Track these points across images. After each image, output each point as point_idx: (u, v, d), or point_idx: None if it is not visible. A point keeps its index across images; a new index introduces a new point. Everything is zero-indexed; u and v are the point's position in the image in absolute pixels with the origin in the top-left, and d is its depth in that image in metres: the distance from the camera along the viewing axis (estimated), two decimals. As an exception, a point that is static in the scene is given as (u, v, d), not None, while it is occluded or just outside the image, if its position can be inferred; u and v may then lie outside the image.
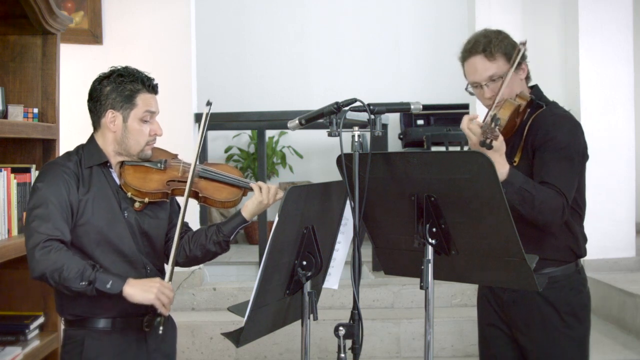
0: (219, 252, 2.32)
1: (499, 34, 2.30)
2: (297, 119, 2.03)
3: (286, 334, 3.88)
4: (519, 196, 2.11)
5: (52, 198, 2.08)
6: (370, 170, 1.87)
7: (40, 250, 1.99)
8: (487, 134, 2.03)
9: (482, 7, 4.87)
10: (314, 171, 7.33)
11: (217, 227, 2.30)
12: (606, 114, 4.57)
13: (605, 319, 4.18)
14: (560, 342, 2.25)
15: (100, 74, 2.24)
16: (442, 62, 7.37)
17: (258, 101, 6.87)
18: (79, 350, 2.15)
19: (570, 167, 2.21)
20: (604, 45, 4.55)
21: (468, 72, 2.33)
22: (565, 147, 2.20)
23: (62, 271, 1.98)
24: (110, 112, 2.18)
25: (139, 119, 2.19)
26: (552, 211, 2.15)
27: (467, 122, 2.16)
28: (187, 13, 4.75)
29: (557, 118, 2.27)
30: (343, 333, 1.83)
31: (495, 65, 2.26)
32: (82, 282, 1.98)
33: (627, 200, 4.68)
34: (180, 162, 2.32)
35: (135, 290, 2.02)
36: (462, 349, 4.19)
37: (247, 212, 2.28)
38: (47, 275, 1.99)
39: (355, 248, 1.83)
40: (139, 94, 2.19)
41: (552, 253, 2.24)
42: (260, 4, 7.45)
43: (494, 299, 2.37)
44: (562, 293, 2.25)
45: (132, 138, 2.20)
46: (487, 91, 2.28)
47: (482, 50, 2.26)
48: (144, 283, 2.05)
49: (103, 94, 2.19)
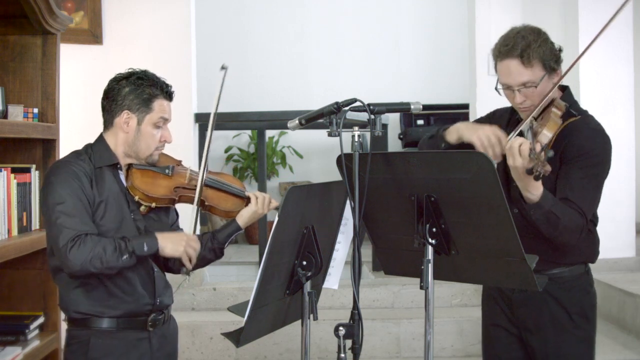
0: (213, 258, 2.37)
1: (538, 37, 2.17)
2: (297, 119, 2.03)
3: (286, 334, 3.88)
4: (544, 218, 2.08)
5: (72, 194, 2.09)
6: (370, 170, 1.87)
7: (73, 247, 2.02)
8: (538, 165, 1.91)
9: (482, 7, 4.87)
10: (314, 171, 7.33)
11: (212, 234, 2.34)
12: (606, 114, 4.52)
13: (605, 319, 4.17)
14: (570, 342, 2.25)
15: (118, 73, 2.25)
16: (442, 62, 7.41)
17: (258, 101, 6.87)
18: (84, 350, 2.15)
19: (596, 186, 2.18)
20: (604, 45, 4.54)
21: (501, 72, 2.22)
22: (595, 165, 2.16)
23: (101, 256, 2.03)
24: (125, 113, 2.19)
25: (153, 123, 2.21)
26: (571, 233, 2.13)
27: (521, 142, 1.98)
28: (187, 13, 4.75)
29: (592, 133, 2.19)
30: (343, 333, 1.83)
31: (530, 72, 2.15)
32: (123, 256, 2.05)
33: (627, 200, 4.68)
34: (187, 169, 2.34)
35: (166, 243, 2.12)
36: (462, 349, 4.19)
37: (242, 220, 2.33)
38: (88, 265, 2.03)
39: (355, 248, 1.83)
40: (156, 99, 2.21)
41: (567, 258, 2.24)
42: (260, 4, 7.46)
43: (502, 299, 2.36)
44: (572, 293, 2.25)
45: (143, 141, 2.21)
46: (519, 97, 2.19)
47: (519, 55, 2.15)
48: (173, 237, 2.16)
49: (121, 94, 2.19)
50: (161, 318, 2.25)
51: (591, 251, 2.29)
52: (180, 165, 2.35)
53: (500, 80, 2.24)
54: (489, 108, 2.52)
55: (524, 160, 1.96)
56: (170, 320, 2.34)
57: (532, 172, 1.92)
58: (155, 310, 2.22)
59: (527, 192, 2.06)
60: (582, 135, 2.17)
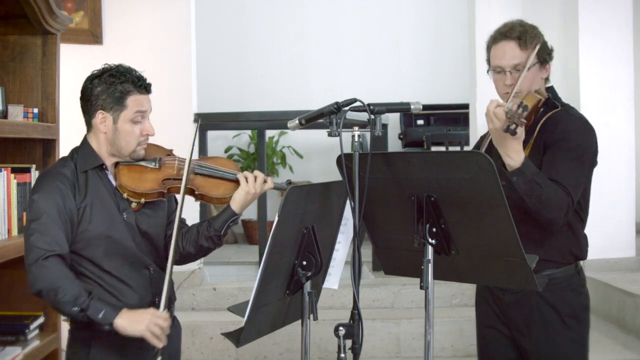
0: (212, 247, 2.30)
1: (534, 29, 2.30)
2: (297, 119, 2.03)
3: (286, 334, 3.88)
4: (528, 187, 2.09)
5: (49, 210, 2.06)
6: (370, 170, 1.87)
7: (38, 268, 2.00)
8: (514, 119, 2.00)
9: (482, 7, 4.87)
10: (314, 171, 7.33)
11: (208, 222, 2.29)
12: (606, 114, 4.56)
13: (605, 319, 4.17)
14: (561, 343, 2.25)
15: (92, 71, 2.20)
16: (442, 62, 7.41)
17: (258, 101, 6.87)
18: (86, 352, 2.14)
19: (580, 168, 2.20)
20: (604, 45, 4.54)
21: (495, 55, 2.31)
22: (578, 147, 2.20)
23: (57, 292, 1.99)
24: (100, 113, 2.15)
25: (130, 120, 2.15)
26: (557, 208, 2.13)
27: (494, 105, 2.09)
28: (187, 13, 4.75)
29: (574, 119, 2.27)
30: (343, 333, 1.83)
31: (524, 55, 2.25)
32: (75, 307, 1.99)
33: (627, 200, 4.68)
34: (175, 159, 2.28)
35: (125, 322, 2.02)
36: (462, 349, 4.19)
37: (235, 204, 2.25)
38: (44, 292, 2.01)
39: (355, 248, 1.83)
40: (129, 95, 2.14)
41: (554, 255, 2.24)
42: (260, 4, 7.45)
43: (493, 300, 2.36)
44: (563, 294, 2.25)
45: (122, 139, 2.16)
46: (509, 78, 2.26)
47: (517, 37, 2.26)
48: (135, 315, 2.04)
49: (93, 94, 2.15)
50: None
51: (576, 246, 2.28)
52: (170, 155, 2.29)
53: (493, 63, 2.31)
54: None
55: (500, 121, 2.05)
56: (173, 320, 2.31)
57: (509, 129, 2.00)
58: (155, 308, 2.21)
59: (508, 158, 2.09)
60: (565, 121, 2.25)
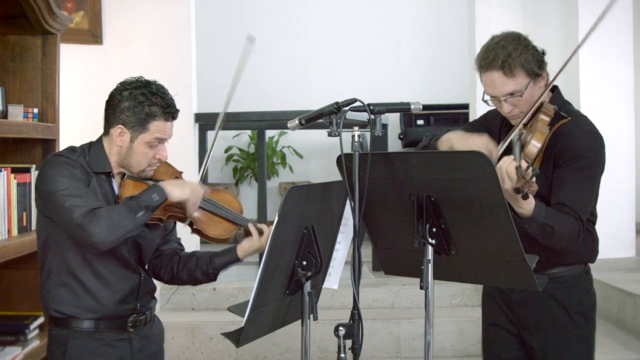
0: (205, 281, 2.33)
1: (518, 45, 2.17)
2: (297, 119, 2.02)
3: (286, 334, 3.88)
4: (540, 230, 2.08)
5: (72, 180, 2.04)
6: (370, 170, 1.87)
7: (90, 221, 1.95)
8: (525, 184, 1.91)
9: (482, 7, 4.87)
10: (314, 171, 7.34)
11: (209, 258, 2.29)
12: (606, 114, 4.56)
13: (605, 319, 4.17)
14: (570, 341, 2.25)
15: (127, 79, 2.15)
16: (442, 62, 7.41)
17: (258, 101, 6.87)
18: (62, 351, 2.13)
19: (591, 188, 2.18)
20: (604, 45, 4.54)
21: (486, 84, 2.24)
22: (589, 167, 2.16)
23: (117, 222, 1.96)
24: (119, 128, 2.11)
25: (147, 143, 2.11)
26: (569, 239, 2.13)
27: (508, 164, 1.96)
28: (187, 13, 4.75)
29: (583, 134, 2.19)
30: (343, 333, 1.83)
31: (514, 82, 2.16)
32: (138, 213, 1.99)
33: (627, 200, 4.68)
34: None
35: (172, 189, 2.06)
36: (462, 349, 4.19)
37: (242, 251, 2.26)
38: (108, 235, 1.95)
39: (355, 248, 1.83)
40: (154, 120, 2.10)
41: (567, 258, 2.24)
42: (260, 4, 7.46)
43: (501, 298, 2.35)
44: (572, 293, 2.25)
45: (134, 158, 2.13)
46: (506, 106, 2.21)
47: (500, 67, 2.15)
48: (178, 183, 2.11)
49: (120, 106, 2.10)
50: (142, 319, 2.21)
51: (590, 251, 2.28)
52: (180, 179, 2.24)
53: (486, 91, 2.25)
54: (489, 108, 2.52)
55: (511, 181, 1.95)
56: (153, 320, 2.30)
57: (520, 191, 1.93)
58: (136, 312, 2.19)
59: (519, 208, 2.05)
60: (574, 137, 2.17)
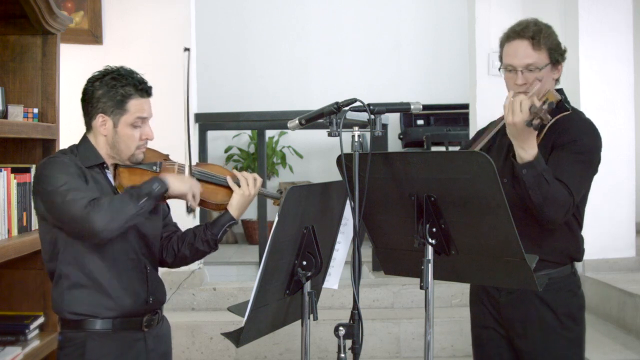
0: (207, 250, 2.31)
1: (549, 28, 2.28)
2: (297, 119, 2.02)
3: (286, 334, 3.88)
4: (535, 181, 2.09)
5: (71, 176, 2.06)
6: (370, 170, 1.87)
7: (91, 211, 1.97)
8: (539, 113, 1.99)
9: (482, 7, 4.87)
10: (314, 171, 7.33)
11: (205, 226, 2.30)
12: (606, 114, 4.56)
13: (605, 319, 4.17)
14: (557, 343, 2.25)
15: (94, 73, 2.20)
16: (442, 62, 7.41)
17: (258, 101, 6.87)
18: (81, 352, 2.13)
19: (585, 172, 2.21)
20: (604, 45, 4.54)
21: (507, 53, 2.29)
22: (587, 151, 2.20)
23: (119, 209, 1.99)
24: (100, 117, 2.15)
25: (130, 124, 2.15)
26: (559, 207, 2.13)
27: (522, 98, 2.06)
28: (187, 13, 4.74)
29: (585, 124, 2.27)
30: (343, 333, 1.83)
31: (537, 55, 2.23)
32: (140, 201, 2.02)
33: (627, 200, 4.67)
34: (174, 164, 2.30)
35: (173, 181, 2.10)
36: (462, 349, 4.19)
37: (233, 208, 2.27)
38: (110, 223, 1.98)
39: (355, 248, 1.83)
40: (130, 99, 2.15)
41: (551, 255, 2.24)
42: (260, 4, 7.46)
43: (488, 300, 2.36)
44: (559, 294, 2.25)
45: (122, 143, 2.16)
46: (521, 77, 2.24)
47: (530, 37, 2.23)
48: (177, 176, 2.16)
49: (94, 97, 2.15)
50: (155, 318, 2.25)
51: (575, 249, 2.28)
52: (168, 160, 2.31)
53: (505, 61, 2.29)
54: (489, 108, 2.53)
55: (524, 114, 2.03)
56: (163, 320, 2.33)
57: (532, 123, 2.00)
58: (149, 309, 2.21)
59: (523, 150, 2.09)
60: (574, 125, 2.24)
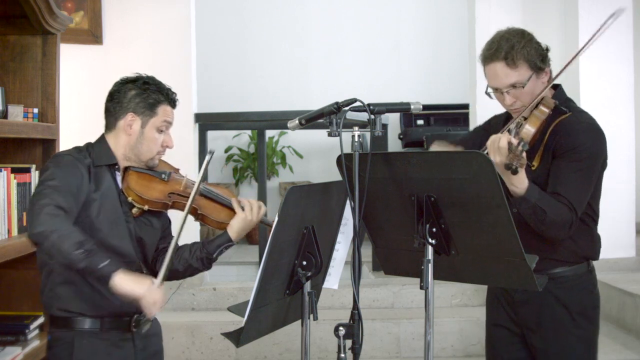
0: (201, 269, 2.33)
1: (522, 38, 2.21)
2: (297, 119, 2.02)
3: (286, 334, 3.88)
4: (532, 211, 2.10)
5: (65, 176, 2.08)
6: (370, 170, 1.87)
7: (48, 212, 1.95)
8: (514, 159, 1.96)
9: (482, 7, 4.87)
10: (314, 171, 7.34)
11: (202, 244, 2.32)
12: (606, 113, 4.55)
13: (605, 319, 4.16)
14: (570, 341, 2.25)
15: (124, 77, 2.27)
16: (442, 62, 7.42)
17: (258, 101, 6.88)
18: (69, 352, 2.14)
19: (587, 180, 2.18)
20: (604, 45, 4.54)
21: (489, 76, 2.26)
22: (587, 159, 2.17)
23: (61, 234, 1.92)
24: (130, 115, 2.21)
25: (157, 127, 2.23)
26: (559, 229, 2.14)
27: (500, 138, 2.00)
28: (187, 13, 4.75)
29: (583, 128, 2.20)
30: (343, 333, 1.83)
31: (517, 73, 2.19)
32: (79, 249, 1.91)
33: (627, 200, 4.68)
34: (183, 177, 2.34)
35: (125, 281, 1.95)
36: (462, 349, 4.19)
37: (233, 231, 2.28)
38: (46, 234, 1.92)
39: (355, 248, 1.83)
40: (161, 104, 2.24)
41: (566, 254, 2.24)
42: (260, 4, 7.46)
43: (504, 298, 2.35)
44: (574, 293, 2.25)
45: (145, 145, 2.22)
46: (508, 98, 2.23)
47: (503, 58, 2.18)
48: (137, 277, 2.01)
49: (127, 97, 2.22)
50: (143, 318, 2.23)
51: (590, 248, 2.28)
52: (177, 173, 2.36)
53: (489, 83, 2.27)
54: (489, 108, 2.52)
55: (502, 156, 2.00)
56: (153, 320, 2.32)
57: (509, 167, 1.97)
58: (139, 310, 2.18)
59: (512, 186, 2.09)
60: (573, 131, 2.20)
